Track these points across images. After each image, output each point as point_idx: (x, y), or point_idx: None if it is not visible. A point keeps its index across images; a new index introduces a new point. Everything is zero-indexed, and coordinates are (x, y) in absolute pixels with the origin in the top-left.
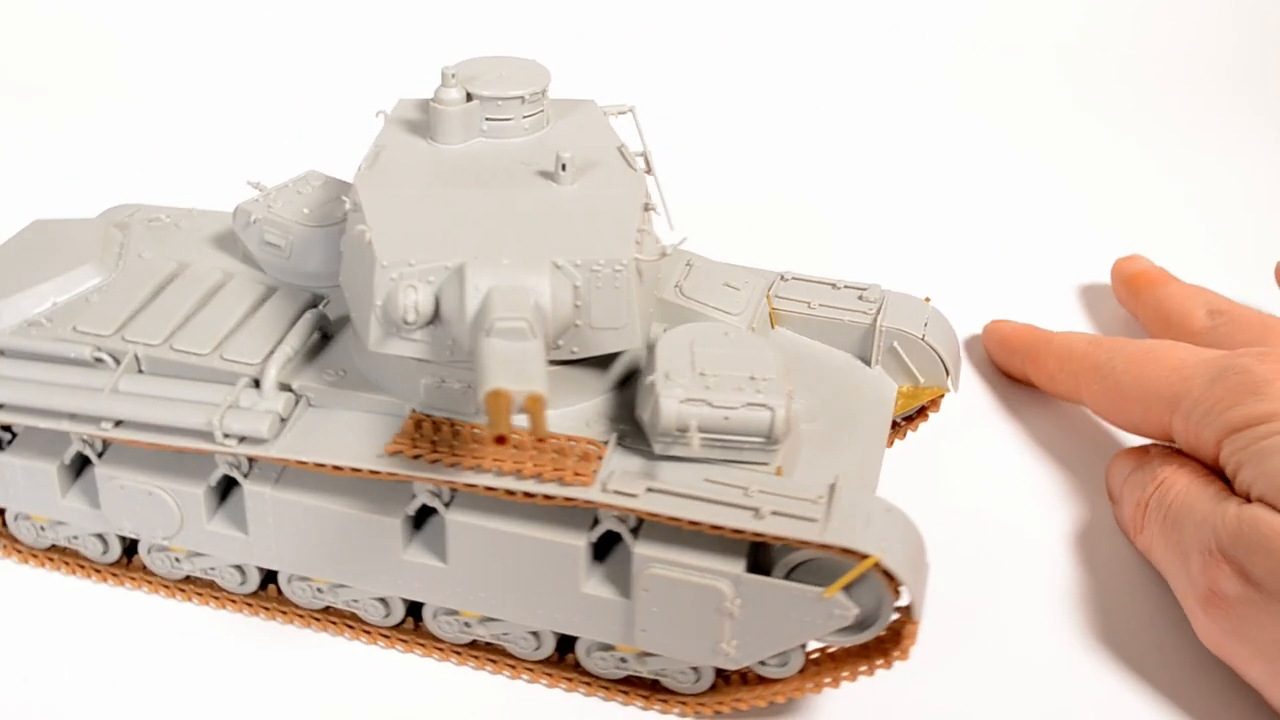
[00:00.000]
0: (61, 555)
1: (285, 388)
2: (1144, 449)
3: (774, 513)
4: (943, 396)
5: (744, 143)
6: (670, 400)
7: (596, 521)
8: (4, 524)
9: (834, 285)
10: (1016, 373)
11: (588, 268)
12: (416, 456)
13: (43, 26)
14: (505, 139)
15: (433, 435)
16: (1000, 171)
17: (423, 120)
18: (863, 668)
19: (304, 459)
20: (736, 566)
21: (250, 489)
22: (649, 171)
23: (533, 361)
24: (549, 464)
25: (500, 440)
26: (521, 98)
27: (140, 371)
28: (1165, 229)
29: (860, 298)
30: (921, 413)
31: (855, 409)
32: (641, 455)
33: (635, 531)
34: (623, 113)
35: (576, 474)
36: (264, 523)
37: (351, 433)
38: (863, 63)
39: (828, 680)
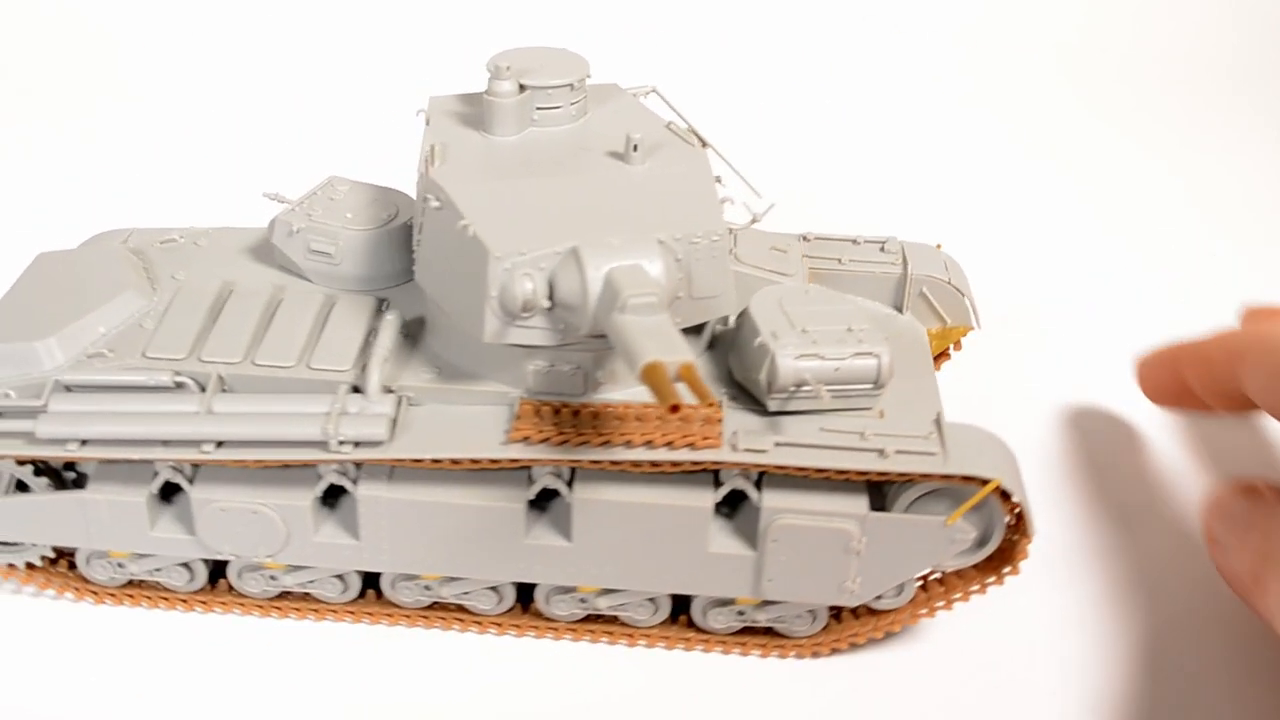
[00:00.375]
0: (140, 590)
1: (385, 390)
2: (1255, 487)
3: (898, 452)
4: (966, 334)
5: (744, 140)
6: (786, 358)
7: (719, 482)
8: (70, 567)
9: (854, 241)
10: (1176, 390)
11: (687, 240)
12: (544, 440)
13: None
14: (555, 126)
15: (553, 418)
16: (1000, 170)
17: (471, 114)
18: (974, 587)
19: (427, 456)
20: (861, 506)
21: (364, 493)
22: (704, 145)
23: (673, 333)
24: (676, 432)
25: (674, 409)
26: (570, 85)
27: (223, 390)
28: (1165, 229)
29: (882, 249)
30: (944, 353)
31: (903, 353)
32: (752, 413)
33: (758, 486)
34: (646, 94)
35: (705, 438)
36: (377, 526)
37: (463, 426)
38: (861, 60)
39: (940, 604)
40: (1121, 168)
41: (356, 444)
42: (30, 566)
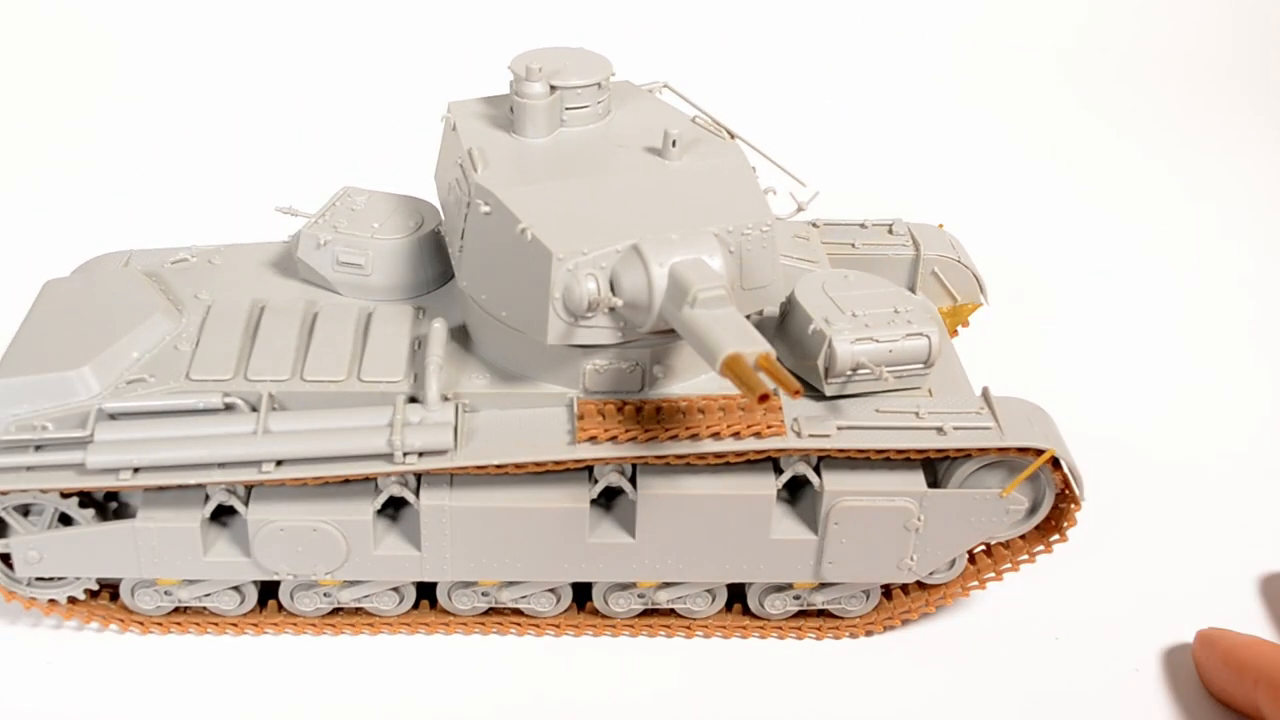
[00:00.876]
0: (188, 617)
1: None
2: (1240, 660)
3: (955, 428)
4: (974, 311)
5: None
6: (844, 343)
7: (778, 469)
8: (112, 598)
9: (862, 225)
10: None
11: (739, 232)
12: (611, 438)
13: None
14: (583, 126)
15: (616, 416)
16: (1001, 168)
17: (497, 116)
18: (1023, 557)
19: (496, 462)
20: (920, 484)
21: (427, 503)
22: (733, 137)
23: (746, 324)
24: (740, 422)
25: (763, 399)
26: (598, 84)
27: (274, 408)
28: (1166, 230)
29: (890, 231)
30: (953, 331)
31: None
32: (805, 398)
33: (817, 470)
34: (660, 90)
35: (769, 426)
36: (440, 535)
37: (526, 429)
38: (845, 51)
39: (990, 575)
40: (1109, 158)
41: (422, 454)
42: (72, 600)
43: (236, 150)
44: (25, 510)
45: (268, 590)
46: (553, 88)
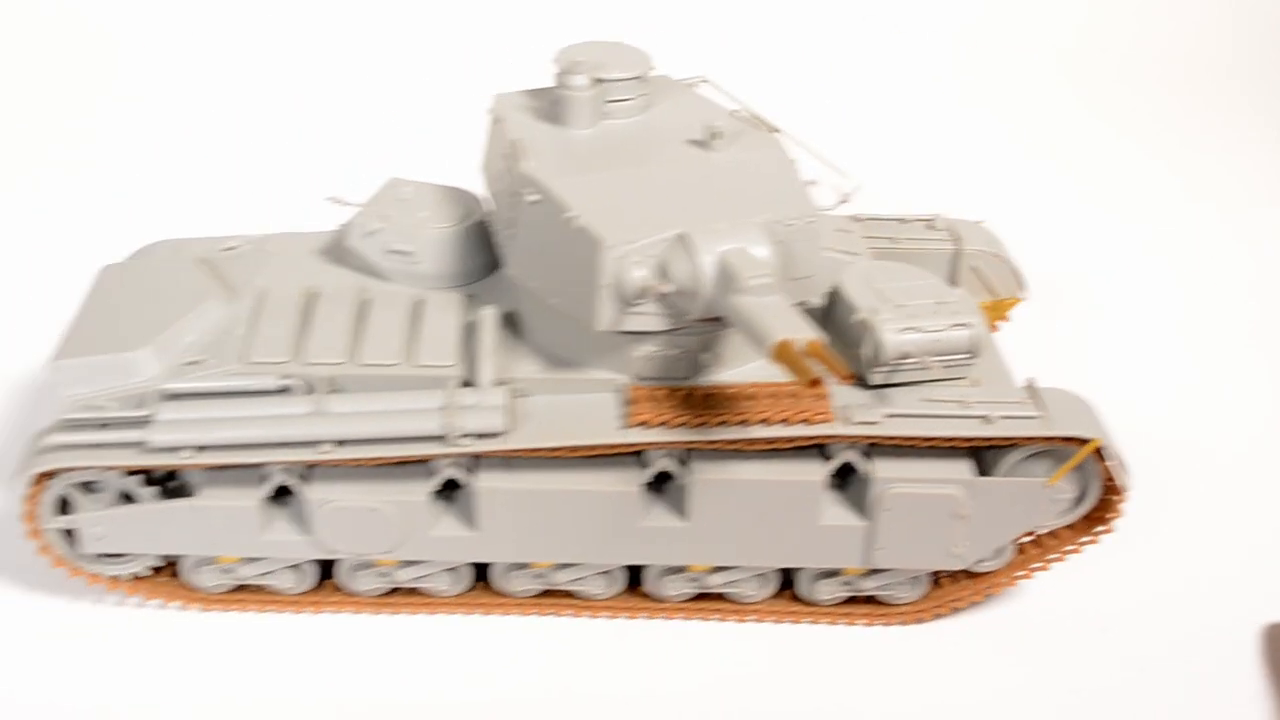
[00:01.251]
0: (248, 594)
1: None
2: None
3: (1002, 417)
4: (1014, 306)
5: None
6: (890, 333)
7: (826, 456)
8: (173, 575)
9: (902, 220)
10: None
11: (783, 224)
12: (663, 423)
13: None
14: (626, 118)
15: (668, 401)
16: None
17: (541, 108)
18: (1069, 548)
19: (549, 445)
20: (967, 472)
21: (484, 485)
22: (774, 131)
23: (794, 311)
24: (789, 408)
25: (814, 384)
26: (639, 78)
27: (331, 391)
28: (1166, 231)
29: (929, 226)
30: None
31: None
32: (852, 387)
33: (865, 458)
34: (699, 84)
35: (818, 413)
36: (496, 516)
37: (578, 413)
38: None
39: (1038, 565)
40: (1139, 159)
41: (476, 436)
42: (136, 578)
43: (274, 143)
44: (89, 487)
45: (325, 569)
46: (596, 81)
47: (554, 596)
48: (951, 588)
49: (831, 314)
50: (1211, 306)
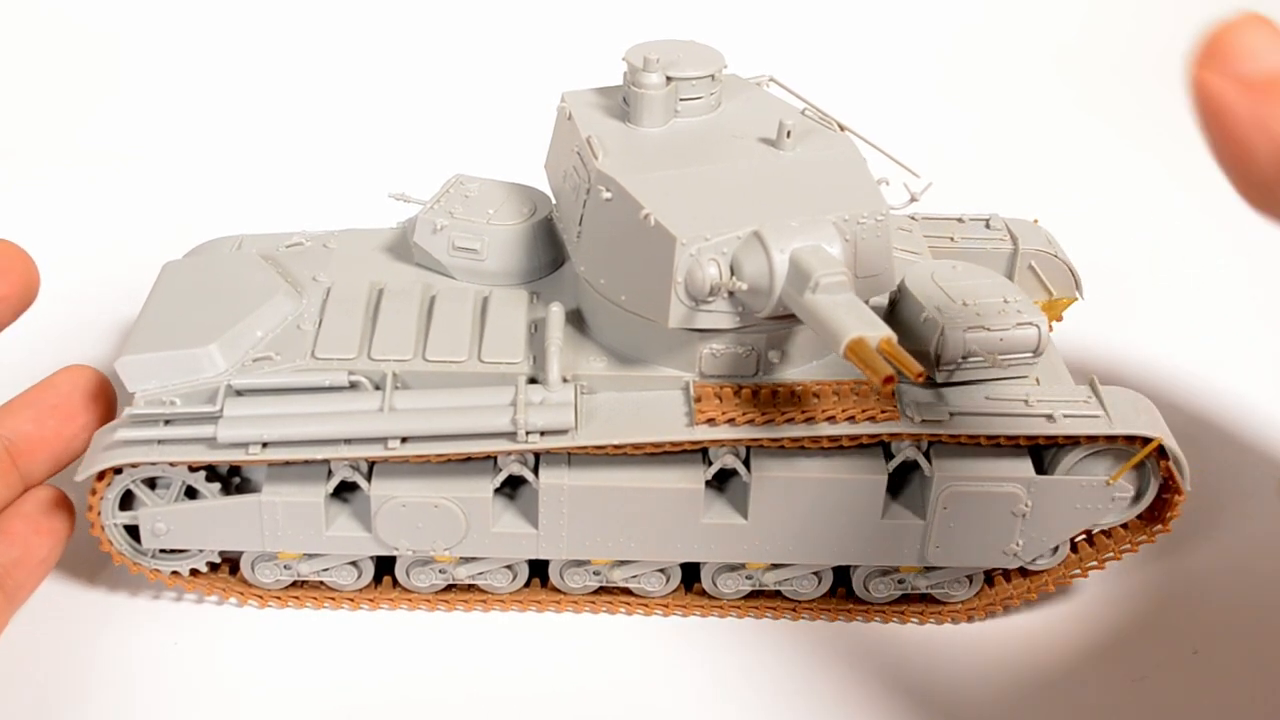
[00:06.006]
0: (305, 591)
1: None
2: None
3: (1065, 415)
4: (1070, 305)
5: None
6: (956, 331)
7: (887, 454)
8: (231, 572)
9: (960, 219)
10: None
11: (854, 221)
12: (728, 421)
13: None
14: (696, 117)
15: (734, 399)
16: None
17: (611, 106)
18: (1125, 545)
19: (616, 442)
20: (1027, 470)
21: (546, 481)
22: (843, 129)
23: (866, 309)
24: (855, 406)
25: (888, 380)
26: (711, 76)
27: (398, 387)
28: (1167, 231)
29: (987, 226)
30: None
31: None
32: (914, 385)
33: (926, 456)
34: (767, 83)
35: (883, 411)
36: (558, 513)
37: (644, 411)
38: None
39: (1093, 563)
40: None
41: (544, 433)
42: (194, 573)
43: (336, 140)
44: (151, 483)
45: (383, 566)
46: (669, 79)
47: (610, 594)
48: (1005, 586)
49: (897, 311)
50: (1270, 308)
